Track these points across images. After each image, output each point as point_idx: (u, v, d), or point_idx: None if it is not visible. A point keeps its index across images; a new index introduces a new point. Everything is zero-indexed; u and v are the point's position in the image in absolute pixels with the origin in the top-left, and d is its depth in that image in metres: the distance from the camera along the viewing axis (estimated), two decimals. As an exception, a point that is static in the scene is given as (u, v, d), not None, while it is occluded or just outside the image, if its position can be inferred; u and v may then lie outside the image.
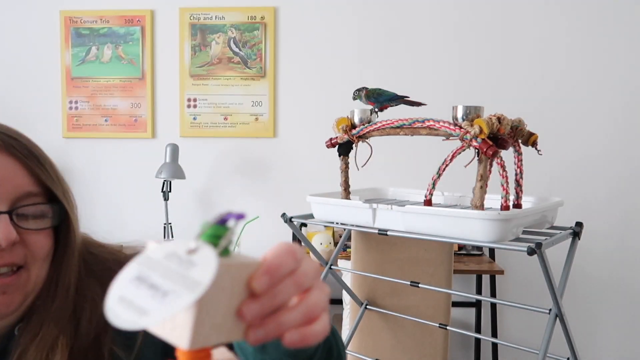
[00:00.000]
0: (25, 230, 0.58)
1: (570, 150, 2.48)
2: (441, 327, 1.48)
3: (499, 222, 1.03)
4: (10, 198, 0.58)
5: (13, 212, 0.58)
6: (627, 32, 2.44)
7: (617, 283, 2.50)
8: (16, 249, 0.57)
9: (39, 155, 0.63)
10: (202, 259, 0.31)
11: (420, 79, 2.50)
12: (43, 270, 0.61)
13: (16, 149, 0.60)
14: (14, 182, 0.58)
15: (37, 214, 0.60)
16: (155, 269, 0.31)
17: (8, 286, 0.57)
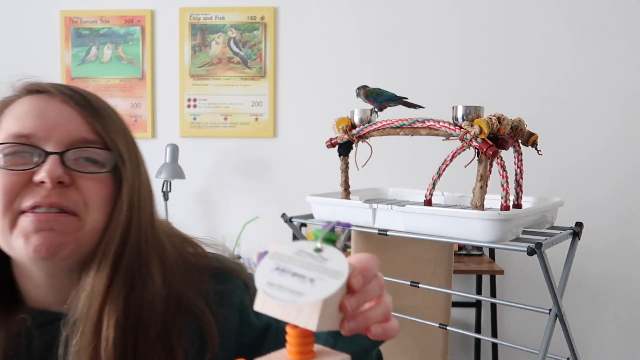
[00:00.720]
0: (78, 175, 0.59)
1: (571, 150, 2.48)
2: (441, 327, 1.48)
3: (499, 222, 1.03)
4: (64, 142, 0.59)
5: (64, 154, 0.58)
6: (628, 32, 2.44)
7: (617, 283, 2.50)
8: (68, 192, 0.57)
9: (98, 106, 0.63)
10: (331, 255, 0.38)
11: (420, 78, 2.50)
12: (99, 221, 0.59)
13: (72, 98, 0.61)
14: (68, 127, 0.59)
15: (91, 158, 0.60)
16: (291, 262, 0.37)
17: (55, 223, 0.57)
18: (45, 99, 0.61)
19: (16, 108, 0.61)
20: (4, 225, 0.57)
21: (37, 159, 0.58)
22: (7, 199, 0.57)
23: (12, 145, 0.58)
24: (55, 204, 0.57)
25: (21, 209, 0.57)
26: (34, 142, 0.58)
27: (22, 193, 0.57)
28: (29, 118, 0.59)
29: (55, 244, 0.56)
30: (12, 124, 0.60)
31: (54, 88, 0.62)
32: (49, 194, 0.56)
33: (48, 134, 0.58)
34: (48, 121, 0.59)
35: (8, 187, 0.57)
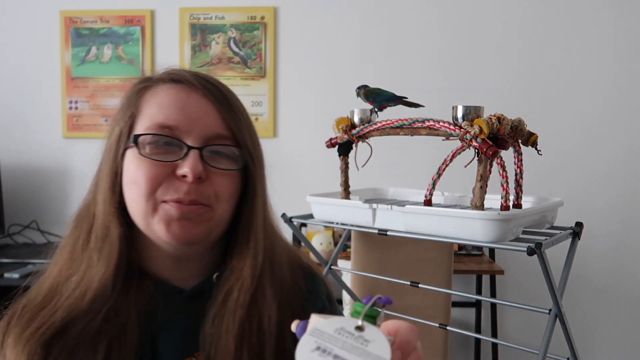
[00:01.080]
0: (212, 170, 0.62)
1: (571, 150, 2.47)
2: (441, 327, 1.48)
3: (499, 222, 1.03)
4: (202, 136, 0.62)
5: (203, 150, 0.62)
6: (628, 32, 2.44)
7: (617, 283, 2.50)
8: (203, 187, 0.61)
9: (232, 103, 0.66)
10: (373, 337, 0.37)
11: (420, 78, 2.50)
12: (227, 212, 0.65)
13: (212, 92, 0.64)
14: (206, 122, 0.63)
15: (225, 155, 0.64)
16: (332, 342, 0.36)
17: (193, 213, 0.61)
18: (187, 91, 0.64)
19: (158, 94, 0.64)
20: (146, 210, 0.61)
21: (179, 152, 0.61)
22: (150, 188, 0.61)
23: (157, 137, 0.61)
24: (194, 200, 0.61)
25: (163, 198, 0.61)
26: (177, 134, 0.61)
27: (165, 184, 0.61)
28: (172, 109, 0.62)
29: (193, 233, 0.62)
30: (155, 112, 0.62)
31: (196, 79, 0.65)
32: (189, 190, 0.61)
33: (189, 128, 0.62)
34: (190, 114, 0.62)
35: (152, 176, 0.61)
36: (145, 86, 0.66)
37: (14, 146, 2.60)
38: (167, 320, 0.64)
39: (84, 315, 0.59)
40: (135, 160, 0.62)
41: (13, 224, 2.56)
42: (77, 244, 0.65)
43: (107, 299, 0.60)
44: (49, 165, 2.62)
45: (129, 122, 0.64)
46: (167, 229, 0.61)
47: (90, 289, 0.60)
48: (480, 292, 2.47)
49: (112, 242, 0.62)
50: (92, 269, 0.62)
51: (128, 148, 0.63)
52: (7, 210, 2.50)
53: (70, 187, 2.62)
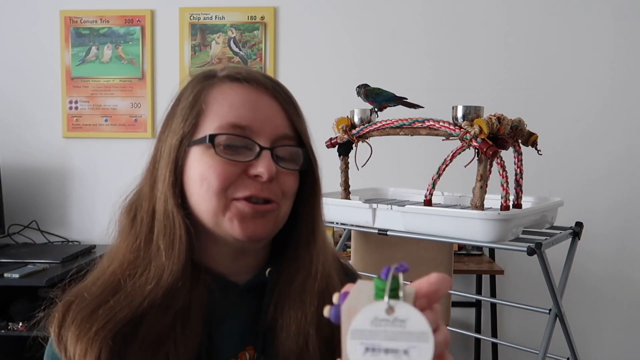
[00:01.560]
0: (280, 169, 0.64)
1: (571, 150, 2.47)
2: (441, 327, 1.48)
3: (499, 222, 1.03)
4: (272, 137, 0.64)
5: (274, 150, 0.63)
6: (628, 32, 2.44)
7: (617, 283, 2.50)
8: (273, 185, 0.63)
9: (296, 105, 0.68)
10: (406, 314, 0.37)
11: (420, 78, 2.50)
12: (289, 208, 0.67)
13: (280, 93, 0.66)
14: (275, 123, 0.64)
15: (291, 155, 0.66)
16: (375, 337, 0.37)
17: (267, 212, 0.63)
18: (257, 91, 0.65)
19: (227, 93, 0.65)
20: (217, 207, 0.62)
21: (251, 151, 0.63)
22: (222, 186, 0.62)
23: (231, 137, 0.62)
24: (267, 198, 0.63)
25: (234, 196, 0.62)
26: (249, 134, 0.63)
27: (236, 182, 0.62)
28: (244, 109, 0.63)
29: (264, 229, 0.64)
30: (226, 111, 0.63)
31: (263, 79, 0.66)
32: (263, 188, 0.62)
33: (260, 128, 0.63)
34: (260, 115, 0.64)
35: (225, 175, 0.62)
36: (210, 83, 0.66)
37: (14, 146, 2.60)
38: (224, 314, 0.65)
39: (156, 311, 0.61)
40: (205, 158, 0.63)
41: (13, 224, 2.56)
42: (137, 240, 0.65)
43: (177, 294, 0.62)
44: (49, 165, 2.62)
45: (195, 119, 0.64)
46: (240, 227, 0.62)
47: (161, 285, 0.61)
48: (480, 292, 2.47)
49: (181, 238, 0.63)
50: (161, 265, 0.62)
51: (194, 145, 0.64)
52: (7, 210, 2.50)
53: (70, 187, 2.62)
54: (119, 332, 0.59)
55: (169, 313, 0.61)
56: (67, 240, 2.58)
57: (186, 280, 0.63)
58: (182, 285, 0.62)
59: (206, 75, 0.68)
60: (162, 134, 0.68)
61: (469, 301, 2.51)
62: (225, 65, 0.70)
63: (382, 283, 0.39)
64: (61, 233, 2.60)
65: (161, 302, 0.61)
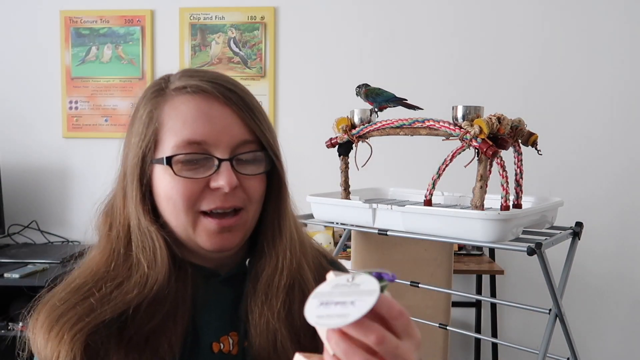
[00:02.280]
0: (243, 176, 0.65)
1: (570, 150, 2.47)
2: (441, 327, 1.48)
3: (499, 222, 1.03)
4: (230, 146, 0.64)
5: (233, 159, 0.64)
6: (627, 31, 2.44)
7: (617, 283, 2.50)
8: (237, 192, 0.65)
9: (253, 107, 0.68)
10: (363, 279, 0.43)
11: (420, 78, 2.50)
12: (257, 212, 0.69)
13: (233, 100, 0.65)
14: (232, 132, 0.64)
15: (252, 160, 0.67)
16: (332, 295, 0.42)
17: (232, 226, 0.65)
18: (209, 101, 0.65)
19: (179, 108, 0.65)
20: (186, 223, 0.65)
21: (211, 165, 0.64)
22: (188, 204, 0.64)
23: (189, 156, 0.63)
24: (232, 206, 0.64)
25: (201, 209, 0.64)
26: (206, 148, 0.63)
27: (200, 197, 0.64)
28: (197, 123, 0.63)
29: (232, 242, 0.66)
30: (180, 127, 0.63)
31: (214, 87, 0.65)
32: (226, 199, 0.64)
33: (217, 140, 0.63)
34: (215, 127, 0.64)
35: (188, 194, 0.63)
36: (162, 99, 0.66)
37: (14, 146, 2.60)
38: (206, 302, 0.68)
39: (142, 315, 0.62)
40: (167, 178, 0.64)
41: (13, 224, 2.56)
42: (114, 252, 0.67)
43: (164, 298, 0.63)
44: (49, 165, 2.62)
45: (152, 137, 0.65)
46: (209, 242, 0.65)
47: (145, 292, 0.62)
48: (480, 292, 2.47)
49: (161, 248, 0.65)
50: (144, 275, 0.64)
51: (156, 163, 0.65)
52: (7, 210, 2.50)
53: (70, 187, 2.62)
54: (96, 334, 0.60)
55: (157, 315, 0.62)
56: (67, 240, 2.58)
57: (171, 280, 0.64)
58: (168, 289, 0.64)
59: (157, 90, 0.68)
60: (125, 149, 0.69)
61: (469, 301, 2.51)
62: (178, 72, 0.70)
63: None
64: (61, 233, 2.60)
65: (147, 308, 0.62)
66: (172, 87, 0.67)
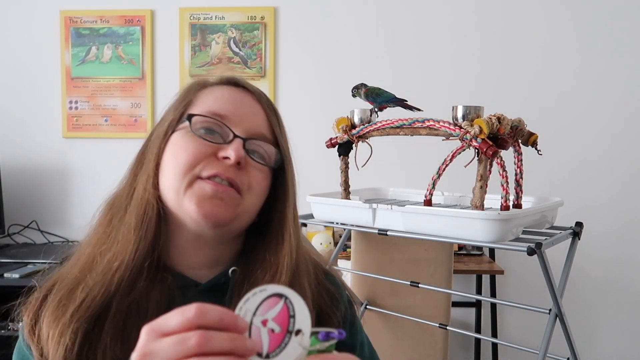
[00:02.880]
0: (250, 162, 0.67)
1: (571, 150, 2.47)
2: (441, 327, 1.48)
3: (499, 222, 1.03)
4: (249, 131, 0.67)
5: (247, 141, 0.66)
6: (628, 32, 2.44)
7: (617, 283, 2.50)
8: (240, 173, 0.65)
9: (277, 112, 0.74)
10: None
11: (420, 78, 2.50)
12: (254, 205, 0.68)
13: (263, 100, 0.71)
14: (255, 120, 0.69)
15: (264, 152, 0.69)
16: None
17: (226, 195, 0.64)
18: (242, 93, 0.71)
19: (215, 91, 0.70)
20: (180, 186, 0.64)
21: (226, 137, 0.66)
22: (190, 163, 0.64)
23: (209, 120, 0.66)
24: (231, 179, 0.64)
25: (199, 175, 0.64)
26: (227, 123, 0.66)
27: (205, 162, 0.64)
28: (227, 102, 0.68)
29: (221, 213, 0.64)
30: (211, 103, 0.68)
31: (250, 86, 0.72)
32: (228, 170, 0.64)
33: (239, 120, 0.67)
34: (241, 109, 0.68)
35: (195, 153, 0.64)
36: (203, 85, 0.72)
37: (14, 146, 2.60)
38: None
39: (120, 291, 0.62)
40: (181, 139, 0.66)
41: (13, 224, 2.56)
42: (113, 220, 0.68)
43: (139, 278, 0.63)
44: (49, 165, 2.62)
45: (182, 109, 0.69)
46: (198, 206, 0.63)
47: (126, 264, 0.63)
48: (480, 292, 2.47)
49: (152, 218, 0.65)
50: (128, 244, 0.64)
51: (176, 130, 0.67)
52: (7, 210, 2.50)
53: (70, 187, 2.62)
54: (93, 315, 0.60)
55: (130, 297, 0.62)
56: (67, 240, 2.58)
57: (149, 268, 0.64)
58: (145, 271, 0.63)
59: (201, 81, 0.73)
60: (154, 129, 0.71)
61: (469, 301, 2.51)
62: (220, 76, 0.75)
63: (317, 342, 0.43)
64: (61, 233, 2.60)
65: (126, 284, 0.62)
66: (212, 81, 0.73)
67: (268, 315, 0.43)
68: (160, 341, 0.41)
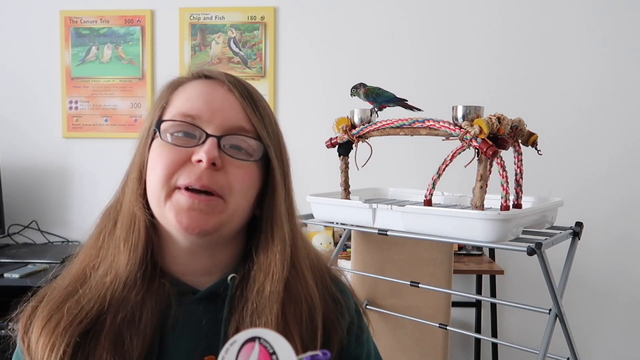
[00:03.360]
0: (229, 161, 0.63)
1: (571, 150, 2.47)
2: (441, 327, 1.48)
3: (499, 222, 1.03)
4: (223, 126, 0.63)
5: (222, 139, 0.63)
6: (628, 31, 2.44)
7: (617, 283, 2.50)
8: (218, 176, 0.62)
9: (257, 99, 0.67)
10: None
11: (420, 78, 2.50)
12: (242, 206, 0.64)
13: (237, 88, 0.66)
14: (228, 114, 0.64)
15: (245, 147, 0.64)
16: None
17: (204, 205, 0.61)
18: (213, 85, 0.66)
19: (187, 89, 0.67)
20: (160, 196, 0.62)
21: (198, 139, 0.63)
22: (167, 173, 0.62)
23: (179, 124, 0.63)
24: (206, 186, 0.61)
25: (177, 184, 0.62)
26: (198, 123, 0.63)
27: (180, 170, 0.62)
28: (196, 100, 0.65)
29: (202, 224, 0.61)
30: (182, 103, 0.65)
31: (224, 77, 0.67)
32: (201, 176, 0.61)
33: (211, 117, 0.63)
34: (212, 105, 0.64)
35: (170, 162, 0.62)
36: (176, 85, 0.69)
37: (14, 146, 2.60)
38: (178, 320, 0.64)
39: (114, 305, 0.61)
40: (157, 148, 0.64)
41: (13, 224, 2.56)
42: (103, 233, 0.67)
43: (133, 289, 0.62)
44: (49, 165, 2.62)
45: (158, 114, 0.67)
46: (176, 218, 0.61)
47: (119, 278, 0.62)
48: (480, 292, 2.47)
49: (139, 229, 0.64)
50: (119, 257, 0.63)
51: (155, 138, 0.65)
52: (7, 210, 2.50)
53: (70, 187, 2.62)
54: (85, 329, 0.60)
55: (125, 310, 0.61)
56: (67, 240, 2.58)
57: (142, 279, 0.63)
58: (139, 283, 0.62)
59: (176, 78, 0.71)
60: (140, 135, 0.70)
61: (469, 301, 2.51)
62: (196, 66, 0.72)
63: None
64: (61, 233, 2.60)
65: (120, 297, 0.61)
66: (186, 76, 0.70)
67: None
68: None
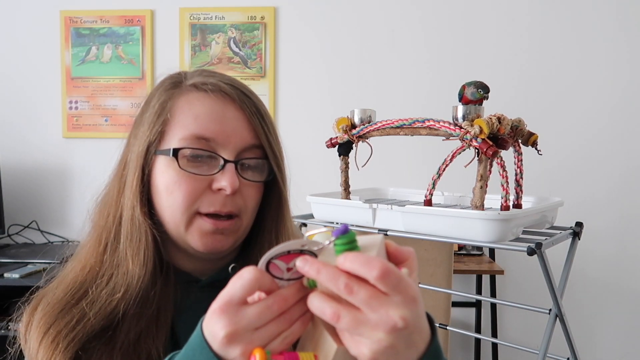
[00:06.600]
0: (243, 181, 0.65)
1: (571, 150, 2.47)
2: (441, 327, 1.48)
3: (499, 222, 1.03)
4: (237, 149, 0.64)
5: (238, 163, 0.64)
6: (627, 30, 2.44)
7: (617, 283, 2.50)
8: (236, 198, 0.64)
9: (264, 114, 0.68)
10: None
11: (420, 78, 2.50)
12: (250, 220, 0.68)
13: (247, 105, 0.66)
14: (241, 135, 0.65)
15: (255, 166, 0.67)
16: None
17: (225, 229, 0.64)
18: (223, 102, 0.65)
19: (193, 104, 0.65)
20: (180, 221, 0.64)
21: (215, 164, 0.64)
22: (188, 202, 0.63)
23: (196, 150, 0.63)
24: (230, 212, 0.64)
25: (198, 210, 0.64)
26: (214, 147, 0.64)
27: (201, 197, 0.63)
28: (209, 121, 0.64)
29: (224, 245, 0.65)
30: (191, 122, 0.64)
31: (233, 90, 0.66)
32: (225, 202, 0.63)
33: (225, 141, 0.64)
34: (227, 128, 0.64)
35: (190, 191, 0.63)
36: (178, 92, 0.67)
37: (14, 146, 2.60)
38: (185, 307, 0.66)
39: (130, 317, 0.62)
40: (170, 171, 0.64)
41: (13, 224, 2.56)
42: (102, 245, 0.67)
43: (149, 298, 0.63)
44: (49, 165, 2.62)
45: (160, 128, 0.65)
46: (200, 242, 0.64)
47: (130, 292, 0.62)
48: (480, 292, 2.47)
49: (147, 245, 0.64)
50: (129, 272, 0.63)
51: (160, 154, 0.64)
52: (7, 210, 2.50)
53: (70, 187, 2.62)
54: (88, 342, 0.60)
55: (143, 319, 0.62)
56: (67, 240, 2.58)
57: (156, 281, 0.64)
58: (154, 289, 0.63)
59: (174, 83, 0.68)
60: (130, 139, 0.69)
61: (469, 301, 2.51)
62: (195, 70, 0.71)
63: (340, 240, 0.46)
64: (61, 233, 2.60)
65: (135, 310, 0.62)
66: (189, 82, 0.67)
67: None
68: (241, 315, 0.43)
